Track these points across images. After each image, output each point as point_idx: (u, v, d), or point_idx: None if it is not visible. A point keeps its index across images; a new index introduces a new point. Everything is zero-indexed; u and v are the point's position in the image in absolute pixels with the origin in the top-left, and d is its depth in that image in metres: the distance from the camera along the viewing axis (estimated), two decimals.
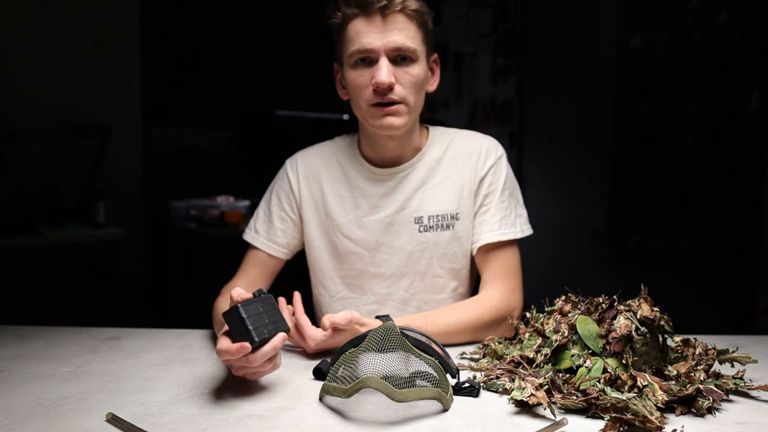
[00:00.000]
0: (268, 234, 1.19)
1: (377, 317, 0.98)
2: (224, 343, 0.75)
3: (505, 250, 1.13)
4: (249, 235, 1.21)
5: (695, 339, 0.87)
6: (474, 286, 1.20)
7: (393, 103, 1.05)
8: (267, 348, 0.74)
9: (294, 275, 1.26)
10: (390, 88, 1.03)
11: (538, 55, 3.46)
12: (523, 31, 3.54)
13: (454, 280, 1.17)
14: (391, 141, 1.12)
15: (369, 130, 1.12)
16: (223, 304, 1.05)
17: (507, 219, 1.13)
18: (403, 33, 1.03)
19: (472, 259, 1.17)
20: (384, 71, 1.02)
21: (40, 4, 3.01)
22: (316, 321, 1.27)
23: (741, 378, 0.79)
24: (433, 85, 1.15)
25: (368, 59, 1.05)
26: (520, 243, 1.16)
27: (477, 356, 0.96)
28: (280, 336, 0.76)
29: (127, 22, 3.30)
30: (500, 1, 3.64)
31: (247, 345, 0.72)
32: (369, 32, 1.03)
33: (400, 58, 1.04)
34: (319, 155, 1.22)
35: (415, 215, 1.14)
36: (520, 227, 1.15)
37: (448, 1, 4.01)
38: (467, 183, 1.14)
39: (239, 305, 0.74)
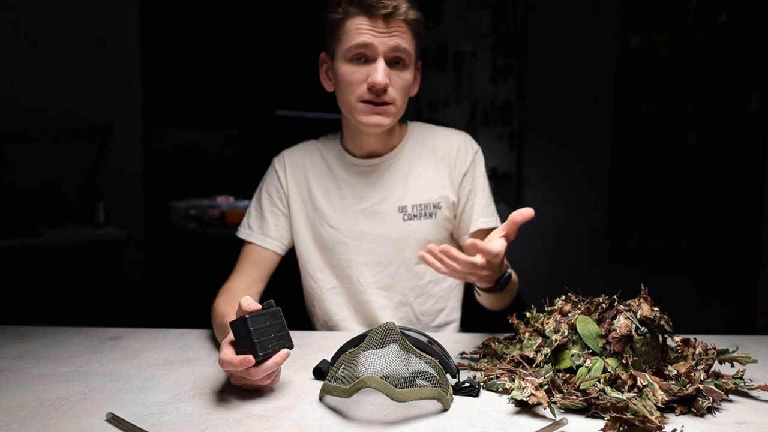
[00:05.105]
0: (261, 228, 1.22)
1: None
2: (228, 353, 0.75)
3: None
4: (243, 232, 1.23)
5: (695, 339, 0.87)
6: None
7: (385, 103, 1.09)
8: (269, 363, 0.74)
9: (285, 272, 1.27)
10: (384, 89, 1.07)
11: (538, 55, 3.46)
12: (523, 31, 3.54)
13: None
14: (371, 137, 1.17)
15: (351, 123, 1.16)
16: (221, 305, 1.06)
17: (491, 207, 1.23)
18: (401, 38, 1.07)
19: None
20: (381, 72, 1.06)
21: (40, 4, 3.01)
22: (307, 315, 1.28)
23: (741, 378, 0.79)
24: (414, 90, 1.19)
25: (364, 57, 1.08)
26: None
27: (477, 356, 0.96)
28: (283, 352, 0.76)
29: (127, 22, 3.29)
30: (500, 1, 3.64)
31: (251, 358, 0.72)
32: (370, 31, 1.06)
33: (395, 61, 1.09)
34: (304, 152, 1.26)
35: (399, 204, 1.18)
36: (497, 216, 1.24)
37: (448, 1, 4.02)
38: (448, 176, 1.20)
39: (248, 317, 0.74)
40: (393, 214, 1.18)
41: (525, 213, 0.87)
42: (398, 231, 1.18)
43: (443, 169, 1.20)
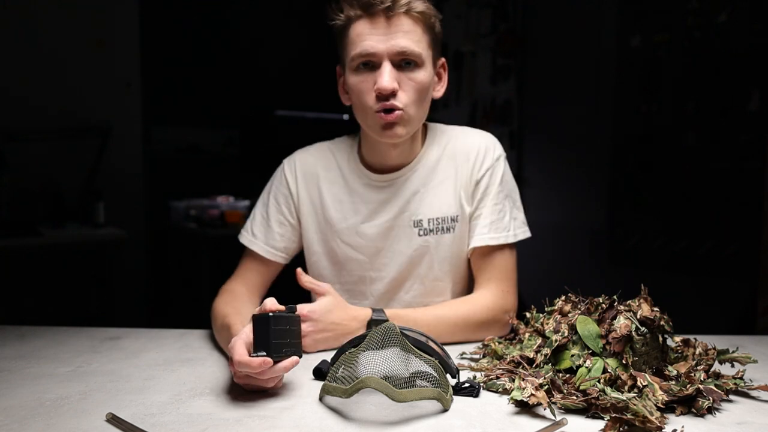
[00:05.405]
0: (266, 238, 1.16)
1: (372, 316, 0.99)
2: (243, 354, 0.73)
3: (500, 252, 1.11)
4: (246, 239, 1.17)
5: (695, 339, 0.87)
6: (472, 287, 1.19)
7: (394, 109, 1.01)
8: (278, 367, 0.74)
9: (287, 273, 1.26)
10: (393, 94, 1.00)
11: (538, 55, 3.46)
12: (523, 31, 3.54)
13: (454, 283, 1.16)
14: (394, 150, 1.10)
15: (371, 137, 1.09)
16: (222, 306, 1.04)
17: (500, 222, 1.11)
18: (407, 36, 1.00)
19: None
20: (386, 77, 0.99)
21: (40, 4, 3.01)
22: None
23: (741, 378, 0.79)
24: (440, 91, 1.13)
25: (371, 63, 1.01)
26: (519, 243, 1.15)
27: (477, 356, 0.96)
28: (293, 359, 0.76)
29: (127, 22, 3.30)
30: (500, 1, 3.64)
31: (270, 361, 0.72)
32: (372, 35, 1.00)
33: (404, 62, 1.01)
34: (318, 156, 1.19)
35: (414, 218, 1.12)
36: (514, 231, 1.12)
37: (448, 1, 4.01)
38: (464, 184, 1.12)
39: (271, 315, 0.74)
40: (408, 230, 1.12)
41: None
42: (413, 247, 1.12)
43: (461, 178, 1.12)
